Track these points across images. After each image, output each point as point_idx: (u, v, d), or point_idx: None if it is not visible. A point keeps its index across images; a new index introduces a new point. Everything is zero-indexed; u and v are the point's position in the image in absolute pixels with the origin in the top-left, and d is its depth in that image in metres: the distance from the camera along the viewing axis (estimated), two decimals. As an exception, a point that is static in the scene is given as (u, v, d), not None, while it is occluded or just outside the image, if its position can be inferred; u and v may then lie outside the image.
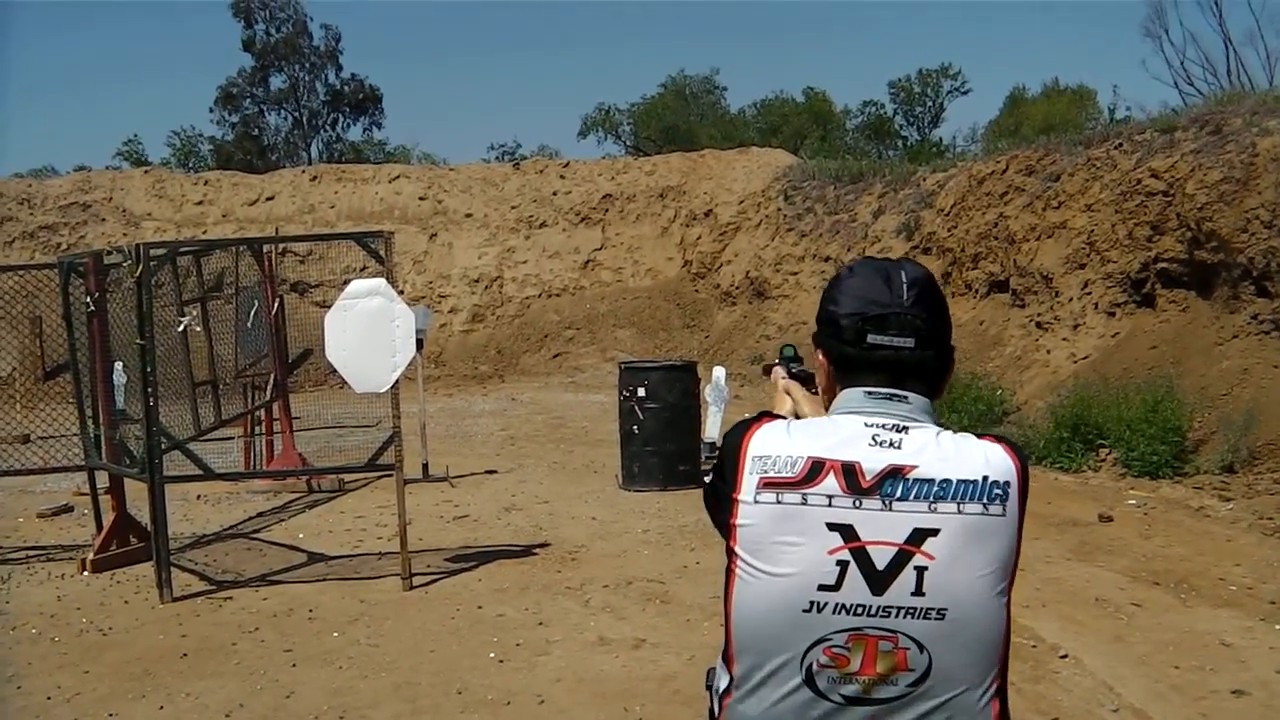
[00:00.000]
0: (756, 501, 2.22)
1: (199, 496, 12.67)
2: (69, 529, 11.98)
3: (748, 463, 2.25)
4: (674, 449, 12.41)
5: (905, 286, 2.32)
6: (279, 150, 64.78)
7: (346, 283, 8.89)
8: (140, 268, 8.67)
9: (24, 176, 38.35)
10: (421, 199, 29.40)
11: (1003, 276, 17.69)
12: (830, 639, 2.17)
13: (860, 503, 2.17)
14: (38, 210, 29.53)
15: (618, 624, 7.97)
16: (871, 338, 2.29)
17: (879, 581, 2.16)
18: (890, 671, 2.17)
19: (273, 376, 12.85)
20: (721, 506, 2.29)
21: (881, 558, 2.16)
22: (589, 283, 28.11)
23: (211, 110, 65.69)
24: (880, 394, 2.29)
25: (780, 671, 2.21)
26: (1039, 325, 16.15)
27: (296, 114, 66.23)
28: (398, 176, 30.52)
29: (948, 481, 2.18)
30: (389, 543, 10.34)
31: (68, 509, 12.76)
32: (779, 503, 2.20)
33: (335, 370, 8.88)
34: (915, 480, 2.18)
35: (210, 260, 12.88)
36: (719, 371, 14.01)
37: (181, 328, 10.78)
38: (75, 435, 12.00)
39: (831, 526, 2.17)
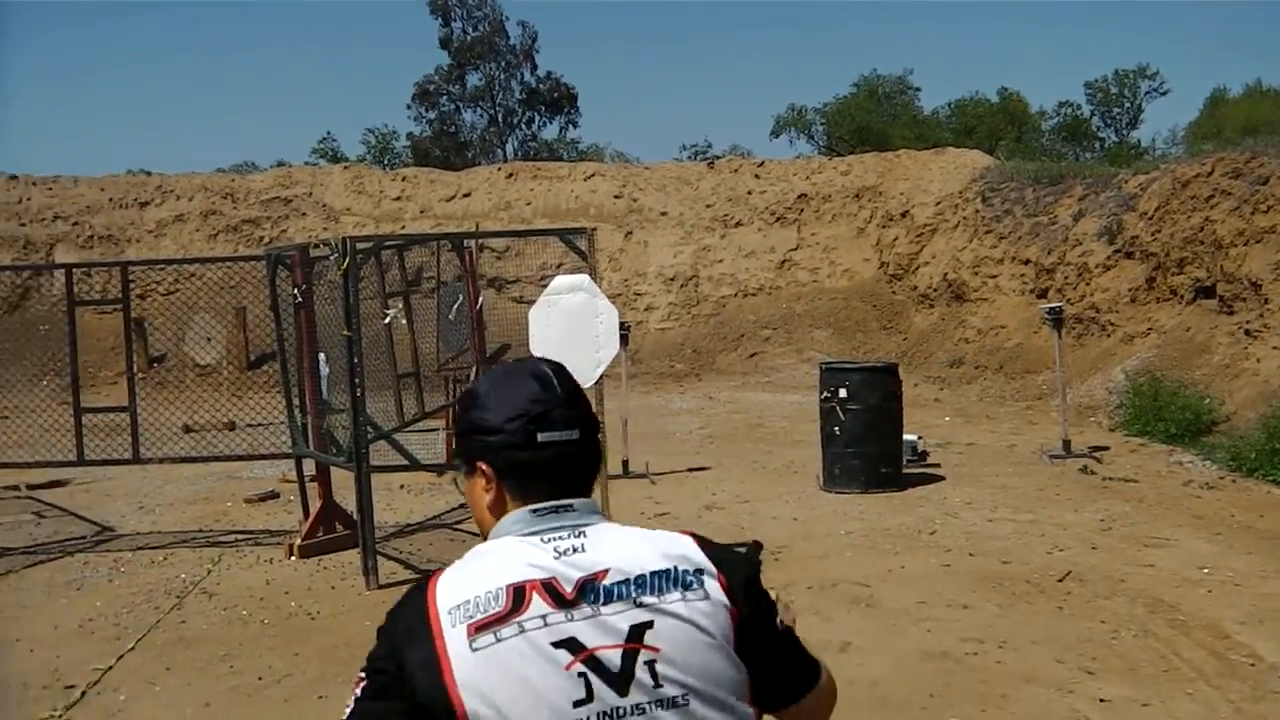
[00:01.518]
0: (474, 650, 2.04)
1: (402, 486, 12.78)
2: (275, 514, 12.23)
3: (444, 619, 2.07)
4: (876, 451, 12.19)
5: (557, 383, 2.28)
6: (475, 148, 65.48)
7: (544, 279, 8.91)
8: (346, 261, 8.76)
9: (226, 172, 39.50)
10: (616, 197, 29.44)
11: (1209, 282, 17.08)
12: None
13: (572, 615, 2.09)
14: (241, 204, 30.33)
15: (823, 626, 7.81)
16: (541, 436, 2.23)
17: (621, 683, 2.07)
18: None
19: (474, 370, 12.94)
20: (419, 689, 2.04)
21: (612, 661, 2.08)
22: (785, 283, 27.85)
23: (409, 107, 66.85)
24: (545, 509, 2.22)
25: None
26: (1247, 333, 15.53)
27: (492, 112, 66.96)
28: (593, 174, 30.61)
29: (642, 577, 2.14)
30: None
31: (274, 495, 13.03)
32: (499, 640, 2.05)
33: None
34: (612, 583, 2.12)
35: (410, 255, 13.03)
36: None
37: (387, 320, 10.91)
38: (278, 423, 12.26)
39: (557, 644, 2.07)
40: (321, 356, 10.43)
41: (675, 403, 20.67)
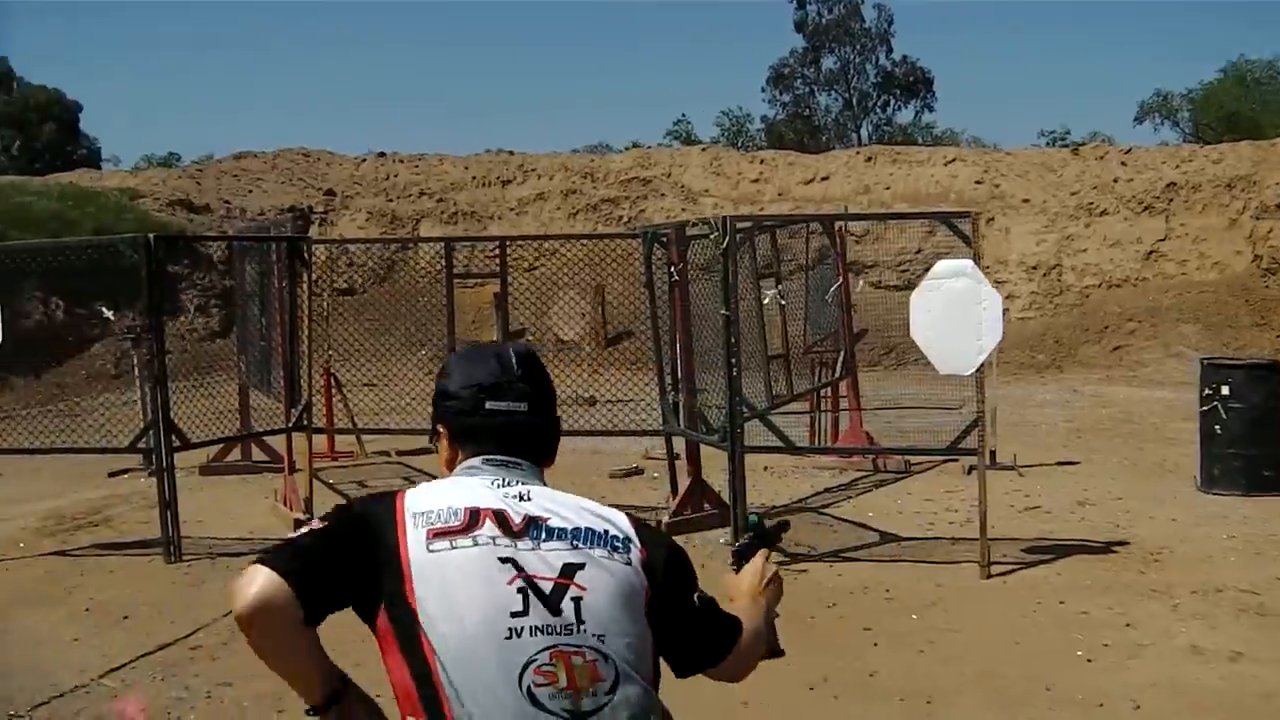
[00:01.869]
0: (430, 551, 2.36)
1: (765, 468, 12.71)
2: (640, 490, 12.39)
3: (408, 519, 2.40)
4: (1259, 452, 11.56)
5: (515, 362, 2.64)
6: (829, 131, 65.41)
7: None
8: (726, 240, 8.80)
9: (583, 152, 40.45)
10: (978, 183, 28.81)
11: None
12: (536, 659, 2.31)
13: (517, 544, 2.39)
14: (600, 184, 30.91)
15: (1210, 633, 7.46)
16: (489, 404, 2.59)
17: (552, 606, 2.35)
18: (590, 683, 2.33)
19: (842, 354, 12.87)
20: (379, 574, 2.37)
21: (545, 589, 2.36)
22: (1151, 274, 26.73)
23: (763, 90, 67.26)
24: (496, 460, 2.56)
25: (487, 690, 2.29)
26: None
27: (847, 95, 66.73)
28: (953, 160, 30.04)
29: (579, 529, 2.45)
30: (961, 528, 10.11)
31: (638, 471, 13.22)
32: (454, 548, 2.37)
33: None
34: (553, 528, 2.44)
35: (775, 238, 13.01)
36: None
37: (768, 300, 10.95)
38: (637, 400, 12.49)
39: (503, 560, 2.37)
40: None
41: (1038, 394, 20.07)
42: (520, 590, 2.35)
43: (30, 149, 63.54)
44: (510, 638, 2.31)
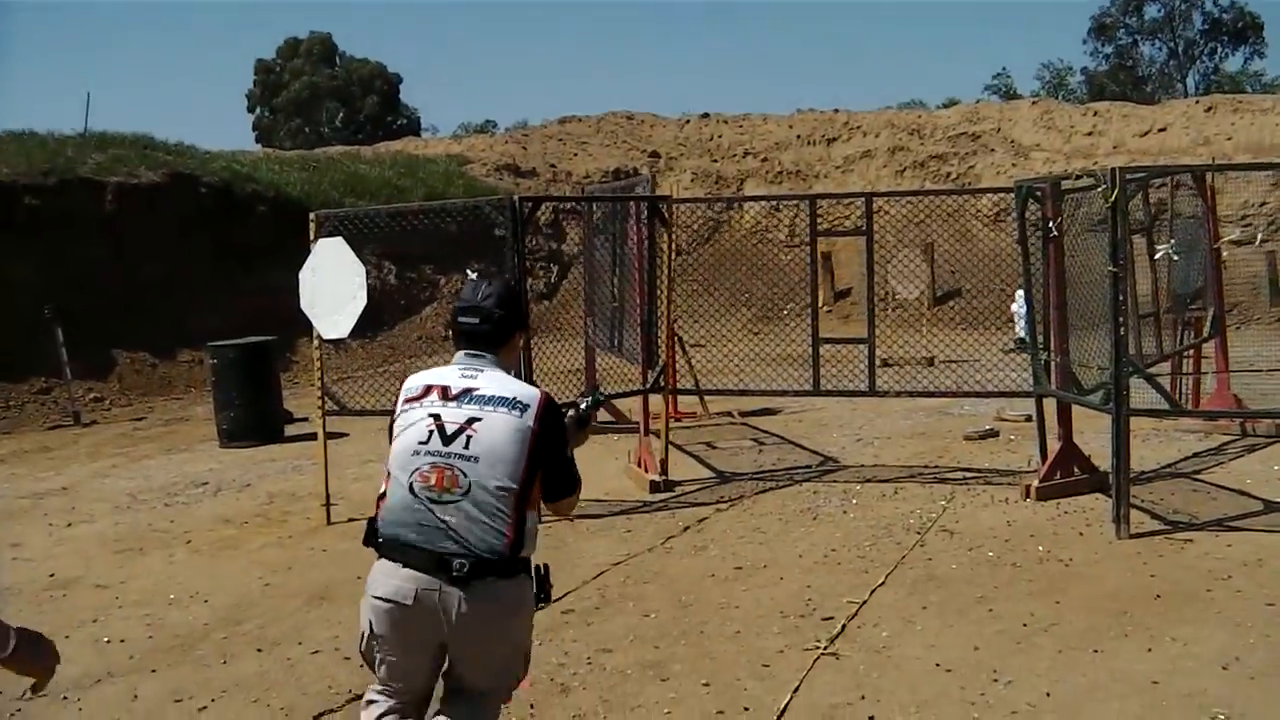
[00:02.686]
0: (401, 409, 4.23)
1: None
2: (998, 453, 11.97)
3: (402, 394, 4.27)
4: None
5: (482, 290, 4.34)
6: (1153, 81, 63.17)
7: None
8: (1115, 193, 8.30)
9: (908, 107, 39.64)
10: (1331, 132, 27.16)
11: None
12: (421, 467, 4.05)
13: (447, 404, 4.12)
14: (928, 140, 30.35)
15: None
16: (460, 318, 4.31)
17: (448, 440, 4.05)
18: (450, 485, 4.01)
19: (1211, 312, 12.12)
20: (393, 421, 4.26)
21: (451, 429, 4.07)
22: None
23: (1084, 42, 65.72)
24: (471, 353, 4.27)
25: (399, 481, 4.09)
26: None
27: (1172, 44, 64.32)
28: (1302, 107, 28.39)
29: (494, 396, 4.11)
30: (1358, 499, 9.49)
31: (993, 433, 12.77)
32: (407, 409, 4.20)
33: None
34: (478, 395, 4.12)
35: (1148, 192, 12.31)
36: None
37: (1159, 255, 10.38)
38: (973, 361, 12.14)
39: (430, 415, 4.12)
40: (1019, 294, 10.06)
41: None
42: (430, 430, 4.09)
43: (354, 121, 65.99)
44: (414, 455, 4.08)
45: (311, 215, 10.53)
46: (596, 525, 9.51)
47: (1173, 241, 10.92)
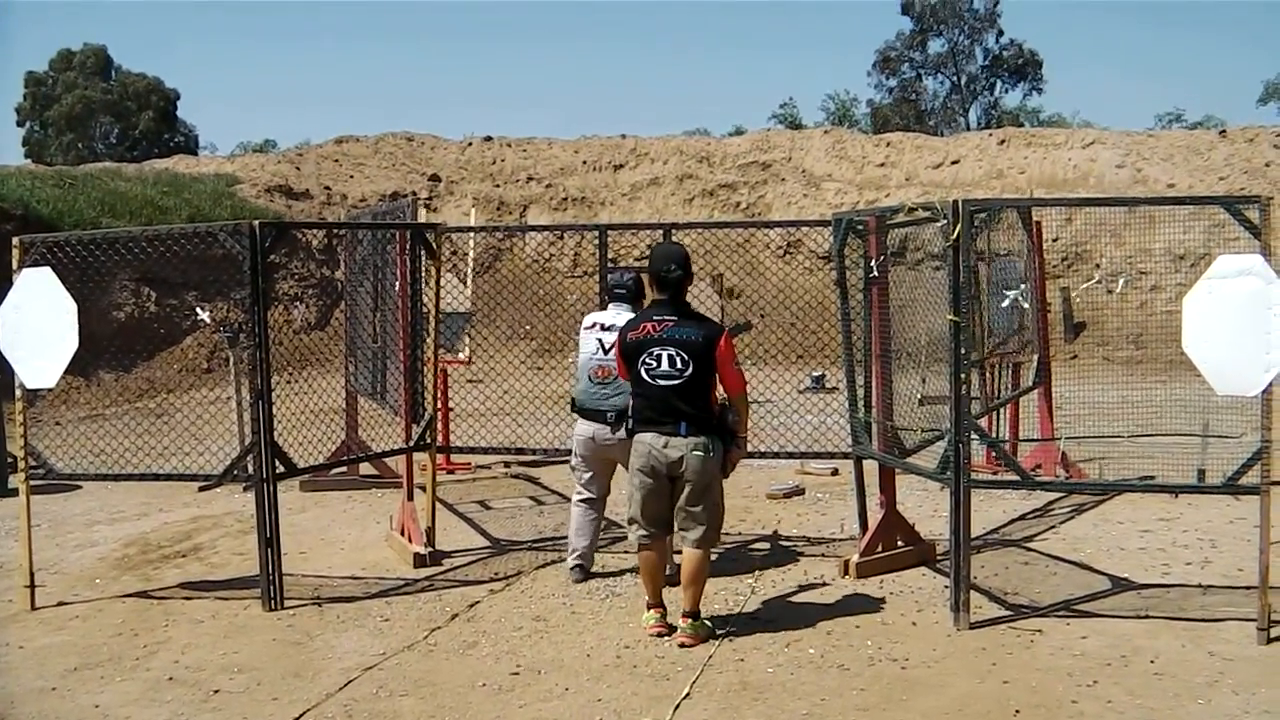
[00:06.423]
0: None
1: (942, 487, 11.02)
2: (807, 515, 10.81)
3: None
4: None
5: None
6: (936, 115, 64.15)
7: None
8: (959, 227, 7.13)
9: (695, 135, 38.85)
10: (1119, 167, 26.92)
11: None
12: (593, 364, 8.28)
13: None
14: (717, 169, 29.58)
15: None
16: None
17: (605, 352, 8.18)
18: (610, 377, 8.08)
19: (1035, 358, 11.12)
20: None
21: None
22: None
23: (869, 74, 66.63)
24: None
25: (584, 377, 8.34)
26: None
27: (955, 78, 65.37)
28: (1092, 142, 28.12)
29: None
30: (1203, 570, 8.55)
31: (799, 490, 11.58)
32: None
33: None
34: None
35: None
36: None
37: (1006, 304, 9.29)
38: (775, 402, 11.22)
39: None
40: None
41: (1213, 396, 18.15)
42: (597, 343, 8.25)
43: (128, 137, 63.31)
44: (591, 359, 8.28)
45: (16, 240, 8.75)
46: (348, 612, 8.00)
47: (1024, 286, 9.85)
